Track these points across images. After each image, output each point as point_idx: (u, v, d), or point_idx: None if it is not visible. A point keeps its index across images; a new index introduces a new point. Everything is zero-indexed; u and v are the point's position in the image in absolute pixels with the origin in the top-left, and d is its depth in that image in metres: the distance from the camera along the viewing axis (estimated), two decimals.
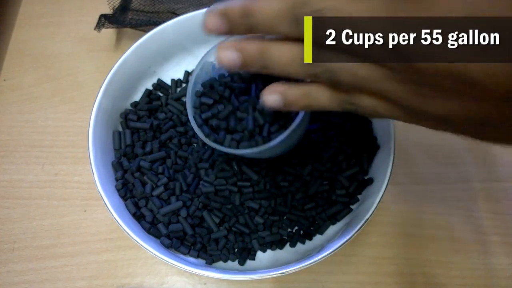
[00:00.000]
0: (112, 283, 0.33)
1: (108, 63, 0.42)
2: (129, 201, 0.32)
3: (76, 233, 0.35)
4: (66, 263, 0.34)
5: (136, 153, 0.34)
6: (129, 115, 0.36)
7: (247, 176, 0.33)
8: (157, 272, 0.34)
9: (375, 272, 0.33)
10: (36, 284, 0.33)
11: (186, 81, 0.39)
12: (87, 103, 0.41)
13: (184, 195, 0.33)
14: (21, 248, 0.34)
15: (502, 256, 0.34)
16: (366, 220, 0.28)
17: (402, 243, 0.34)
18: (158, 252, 0.28)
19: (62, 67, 0.43)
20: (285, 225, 0.33)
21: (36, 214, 0.36)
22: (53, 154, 0.38)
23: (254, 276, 0.28)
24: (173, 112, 0.37)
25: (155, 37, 0.36)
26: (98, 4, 0.46)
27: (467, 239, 0.35)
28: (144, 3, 0.44)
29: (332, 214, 0.32)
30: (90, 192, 0.36)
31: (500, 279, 0.33)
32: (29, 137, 0.39)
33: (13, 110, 0.41)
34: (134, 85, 0.37)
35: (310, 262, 0.28)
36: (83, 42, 0.44)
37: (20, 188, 0.37)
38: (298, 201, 0.33)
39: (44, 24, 0.45)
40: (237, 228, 0.32)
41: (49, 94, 0.41)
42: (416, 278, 0.33)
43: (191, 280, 0.33)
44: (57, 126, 0.40)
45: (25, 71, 0.43)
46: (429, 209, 0.36)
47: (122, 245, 0.34)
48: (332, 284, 0.33)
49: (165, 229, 0.31)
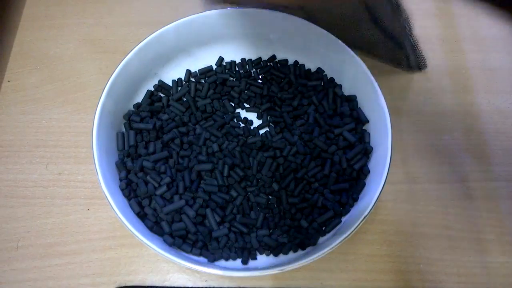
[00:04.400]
0: (115, 280, 0.34)
1: (110, 65, 0.43)
2: (132, 200, 0.32)
3: (79, 232, 0.36)
4: (70, 261, 0.34)
5: (139, 153, 0.35)
6: (132, 116, 0.36)
7: (247, 173, 0.34)
8: (159, 269, 0.34)
9: (372, 270, 0.34)
10: (40, 282, 0.34)
11: (187, 80, 0.40)
12: (90, 104, 0.41)
13: (187, 194, 0.33)
14: (25, 247, 0.35)
15: (498, 254, 0.35)
16: (364, 218, 0.29)
17: (399, 241, 0.35)
18: (161, 250, 0.28)
19: (65, 68, 0.43)
20: (282, 231, 0.33)
21: (40, 213, 0.36)
22: (57, 154, 0.39)
23: (254, 273, 0.28)
24: (175, 113, 0.37)
25: (157, 40, 0.37)
26: (101, 7, 0.47)
27: (464, 237, 0.35)
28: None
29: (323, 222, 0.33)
30: (93, 191, 0.37)
31: (497, 277, 0.34)
32: (33, 137, 0.40)
33: (17, 110, 0.41)
34: (136, 87, 0.38)
35: (308, 260, 0.28)
36: (86, 44, 0.45)
37: (24, 187, 0.37)
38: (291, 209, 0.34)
39: (48, 26, 0.46)
40: (236, 228, 0.33)
41: (53, 95, 0.42)
42: (412, 275, 0.34)
43: (193, 277, 0.34)
44: (61, 126, 0.40)
45: (29, 72, 0.43)
46: (426, 207, 0.36)
47: (125, 243, 0.35)
48: (330, 281, 0.34)
49: (168, 227, 0.32)
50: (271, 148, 0.36)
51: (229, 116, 0.38)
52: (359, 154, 0.34)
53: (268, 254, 0.32)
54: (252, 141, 0.36)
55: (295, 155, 0.35)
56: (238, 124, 0.38)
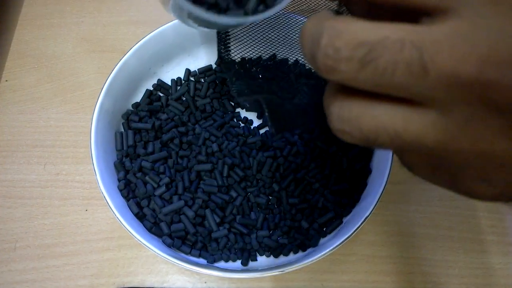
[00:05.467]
0: (114, 281, 0.33)
1: (109, 64, 0.43)
2: (131, 201, 0.32)
3: (77, 232, 0.35)
4: (68, 262, 0.34)
5: (138, 154, 0.34)
6: (131, 116, 0.36)
7: (247, 174, 0.34)
8: (158, 271, 0.34)
9: (373, 271, 0.34)
10: (37, 283, 0.33)
11: (186, 79, 0.40)
12: (88, 103, 0.41)
13: (186, 195, 0.33)
14: (22, 247, 0.35)
15: (500, 255, 0.34)
16: (365, 219, 0.29)
17: (400, 242, 0.35)
18: (160, 251, 0.28)
19: (64, 67, 0.43)
20: (283, 232, 0.33)
21: (37, 213, 0.36)
22: (55, 154, 0.39)
23: (255, 275, 0.28)
24: (174, 112, 0.37)
25: (155, 39, 0.36)
26: (100, 5, 0.47)
27: (465, 238, 0.35)
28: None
29: (323, 223, 0.33)
30: (91, 192, 0.37)
31: (499, 278, 0.34)
32: (30, 137, 0.39)
33: (15, 110, 0.41)
34: (135, 86, 0.38)
35: (309, 261, 0.28)
36: (84, 43, 0.45)
37: (22, 187, 0.37)
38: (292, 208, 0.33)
39: (46, 25, 0.46)
40: (236, 228, 0.33)
41: (51, 94, 0.42)
42: (414, 277, 0.34)
43: (192, 279, 0.34)
44: (59, 126, 0.40)
45: (27, 71, 0.43)
46: (427, 208, 0.36)
47: (124, 244, 0.35)
48: (331, 282, 0.33)
49: (167, 228, 0.32)
50: (271, 148, 0.35)
51: (228, 115, 0.38)
52: (360, 154, 0.34)
53: (268, 255, 0.32)
54: (252, 141, 0.35)
55: (295, 155, 0.35)
56: (238, 124, 0.38)
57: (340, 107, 0.14)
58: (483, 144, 0.12)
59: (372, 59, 0.12)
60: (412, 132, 0.13)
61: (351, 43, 0.12)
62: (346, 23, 0.12)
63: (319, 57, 0.13)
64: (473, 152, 0.12)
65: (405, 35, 0.12)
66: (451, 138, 0.12)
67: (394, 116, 0.13)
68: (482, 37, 0.11)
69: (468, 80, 0.11)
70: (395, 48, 0.11)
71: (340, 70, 0.12)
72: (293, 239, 0.32)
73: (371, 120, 0.13)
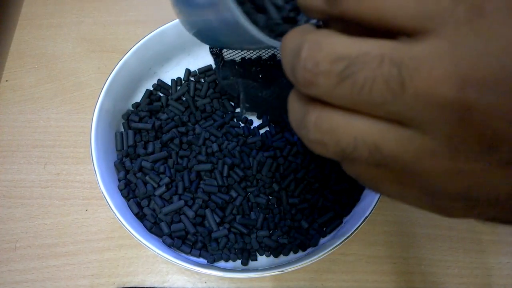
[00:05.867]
0: (114, 281, 0.33)
1: (109, 64, 0.43)
2: (131, 201, 0.32)
3: (77, 232, 0.35)
4: (68, 262, 0.34)
5: (138, 154, 0.34)
6: (131, 116, 0.36)
7: (247, 174, 0.34)
8: (158, 271, 0.34)
9: (373, 271, 0.34)
10: (37, 283, 0.33)
11: (186, 79, 0.40)
12: (88, 103, 0.41)
13: (186, 194, 0.33)
14: (23, 247, 0.35)
15: (499, 255, 0.34)
16: (365, 219, 0.29)
17: (400, 242, 0.35)
18: (160, 251, 0.28)
19: (64, 67, 0.43)
20: (283, 232, 0.33)
21: (38, 213, 0.36)
22: (55, 154, 0.39)
23: (255, 274, 0.28)
24: (174, 112, 0.37)
25: (155, 39, 0.36)
26: (100, 5, 0.47)
27: (465, 238, 0.35)
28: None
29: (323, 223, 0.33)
30: (91, 192, 0.37)
31: (498, 278, 0.34)
32: (31, 137, 0.39)
33: (15, 110, 0.41)
34: (135, 86, 0.38)
35: (309, 261, 0.28)
36: (84, 43, 0.45)
37: (22, 187, 0.37)
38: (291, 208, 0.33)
39: (46, 25, 0.46)
40: (236, 228, 0.33)
41: (51, 94, 0.42)
42: (414, 277, 0.34)
43: (192, 278, 0.34)
44: (59, 126, 0.40)
45: (27, 71, 0.43)
46: None
47: (124, 244, 0.35)
48: (331, 282, 0.33)
49: (167, 228, 0.32)
50: (271, 148, 0.35)
51: (228, 115, 0.38)
52: None
53: (268, 255, 0.32)
54: (252, 141, 0.36)
55: (295, 155, 0.35)
56: (238, 124, 0.38)
57: (318, 117, 0.13)
58: (463, 164, 0.12)
59: (351, 73, 0.11)
60: (391, 147, 0.12)
61: (330, 57, 0.12)
62: (328, 36, 0.12)
63: (298, 70, 0.12)
64: (452, 172, 0.12)
65: (384, 51, 0.11)
66: (430, 156, 0.12)
67: (373, 128, 0.12)
68: (461, 57, 0.11)
69: (448, 100, 0.11)
70: (374, 63, 0.11)
71: (318, 84, 0.12)
72: (293, 239, 0.32)
73: (350, 131, 0.12)
